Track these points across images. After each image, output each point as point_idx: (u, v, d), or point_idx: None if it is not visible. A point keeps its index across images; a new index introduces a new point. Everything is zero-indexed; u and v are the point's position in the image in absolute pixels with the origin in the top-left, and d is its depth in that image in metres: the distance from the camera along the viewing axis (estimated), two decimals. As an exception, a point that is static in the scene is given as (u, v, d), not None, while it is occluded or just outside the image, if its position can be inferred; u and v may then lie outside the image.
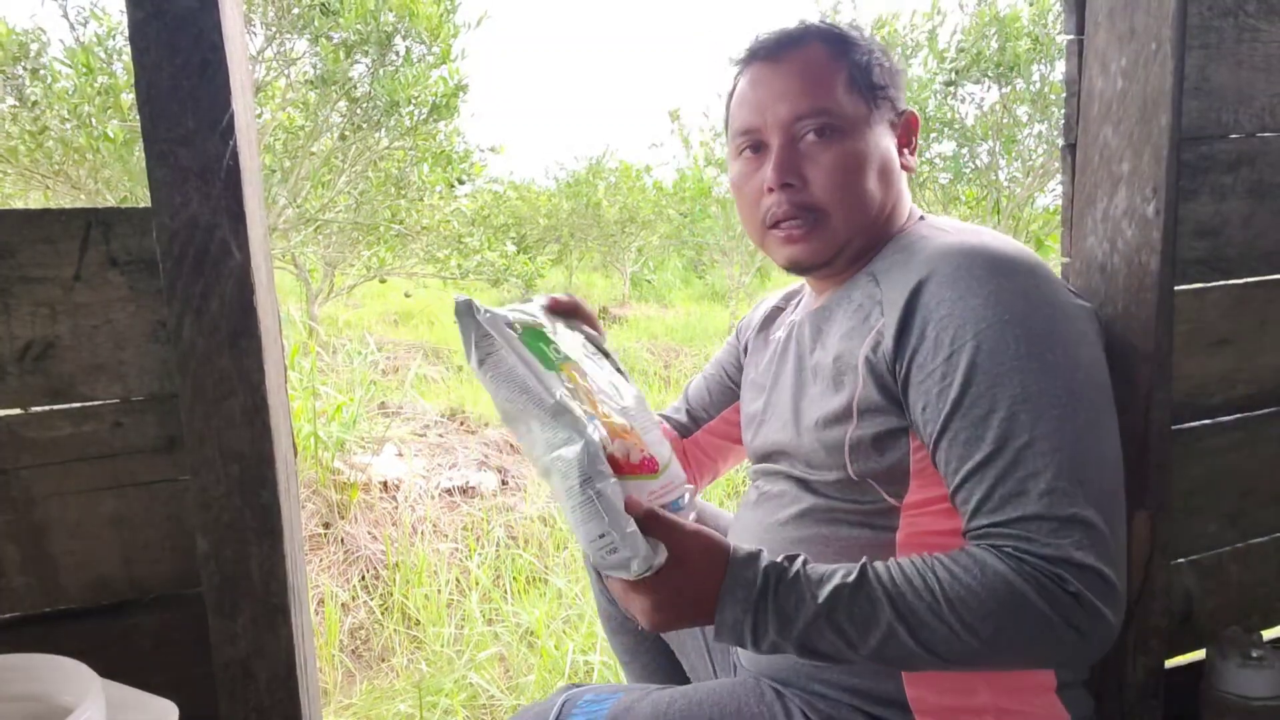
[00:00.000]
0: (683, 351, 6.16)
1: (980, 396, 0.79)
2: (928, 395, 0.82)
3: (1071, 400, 0.78)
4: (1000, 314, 0.80)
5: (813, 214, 0.95)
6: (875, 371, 0.87)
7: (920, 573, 0.78)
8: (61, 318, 0.90)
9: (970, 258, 0.84)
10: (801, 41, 0.97)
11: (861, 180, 0.95)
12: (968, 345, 0.80)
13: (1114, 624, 0.76)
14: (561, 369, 0.84)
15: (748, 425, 1.12)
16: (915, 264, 0.88)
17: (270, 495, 0.95)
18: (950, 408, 0.80)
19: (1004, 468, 0.78)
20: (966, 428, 0.80)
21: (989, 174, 6.02)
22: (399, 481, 3.07)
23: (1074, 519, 0.75)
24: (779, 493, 1.01)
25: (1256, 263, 1.11)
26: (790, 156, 0.95)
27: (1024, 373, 0.78)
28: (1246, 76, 1.06)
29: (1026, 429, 0.77)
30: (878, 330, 0.88)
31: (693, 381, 1.32)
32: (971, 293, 0.81)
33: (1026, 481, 0.76)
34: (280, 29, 4.49)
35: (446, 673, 2.18)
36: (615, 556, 0.76)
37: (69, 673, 0.81)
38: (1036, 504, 0.76)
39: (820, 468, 0.94)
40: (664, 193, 9.66)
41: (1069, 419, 0.78)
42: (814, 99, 0.94)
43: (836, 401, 0.91)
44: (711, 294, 10.23)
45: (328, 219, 5.30)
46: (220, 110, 0.87)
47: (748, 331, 1.22)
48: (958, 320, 0.81)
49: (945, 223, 0.97)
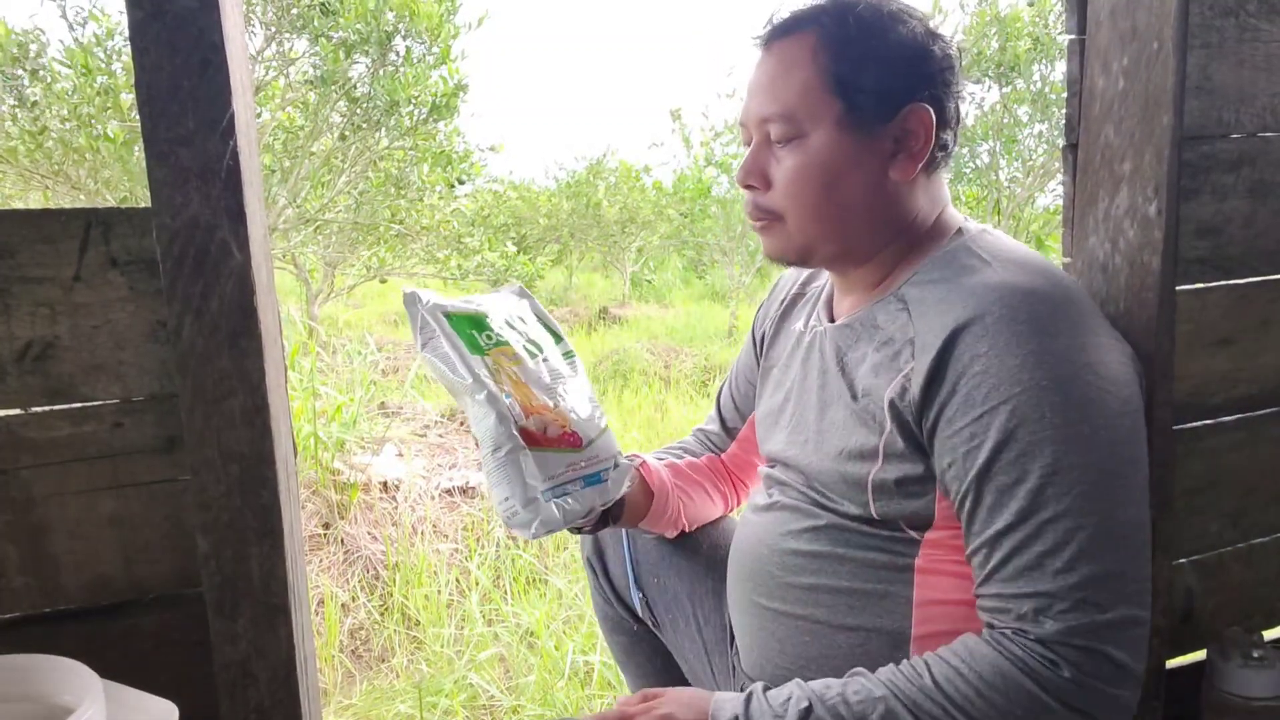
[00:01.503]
0: (683, 351, 6.15)
1: (1010, 464, 0.76)
2: (955, 453, 0.80)
3: (1103, 478, 0.76)
4: (1039, 379, 0.76)
5: (769, 215, 0.94)
6: (901, 419, 0.84)
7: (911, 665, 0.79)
8: (61, 318, 0.90)
9: (1014, 308, 0.78)
10: (796, 28, 0.91)
11: (817, 190, 0.90)
12: (1002, 409, 0.76)
13: (1126, 702, 0.74)
14: (489, 354, 0.94)
15: (764, 419, 1.09)
16: (953, 302, 0.82)
17: (270, 495, 0.95)
18: (978, 471, 0.78)
19: (1023, 539, 0.76)
20: (992, 493, 0.77)
21: (989, 174, 6.03)
22: (399, 482, 3.06)
23: (1086, 601, 0.73)
24: (792, 504, 0.98)
25: (1258, 262, 1.11)
26: (757, 156, 0.93)
27: (1057, 443, 0.75)
28: (1248, 76, 1.06)
29: (1052, 504, 0.75)
30: (905, 375, 0.84)
31: (721, 390, 1.29)
32: (1010, 351, 0.77)
33: (1044, 557, 0.74)
34: (280, 29, 4.49)
35: (446, 673, 2.18)
36: (517, 518, 0.90)
37: (69, 673, 0.81)
38: (1050, 581, 0.74)
39: (840, 497, 0.91)
40: (664, 193, 9.65)
41: (1099, 497, 0.75)
42: (777, 101, 0.90)
43: (861, 438, 0.88)
44: (711, 294, 10.22)
45: (328, 219, 5.30)
46: (220, 110, 0.87)
47: (765, 323, 1.17)
48: (993, 379, 0.77)
49: (992, 245, 0.89)
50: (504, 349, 0.96)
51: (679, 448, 1.28)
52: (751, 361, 1.20)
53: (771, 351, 1.12)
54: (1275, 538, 1.20)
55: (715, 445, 1.27)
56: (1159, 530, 1.06)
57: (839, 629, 0.91)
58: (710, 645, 1.17)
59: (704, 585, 1.19)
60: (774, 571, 0.97)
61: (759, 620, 0.99)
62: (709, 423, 1.29)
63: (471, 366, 0.92)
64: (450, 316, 0.93)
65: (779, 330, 1.13)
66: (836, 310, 1.02)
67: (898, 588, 0.88)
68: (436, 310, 0.94)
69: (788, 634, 0.96)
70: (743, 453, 1.24)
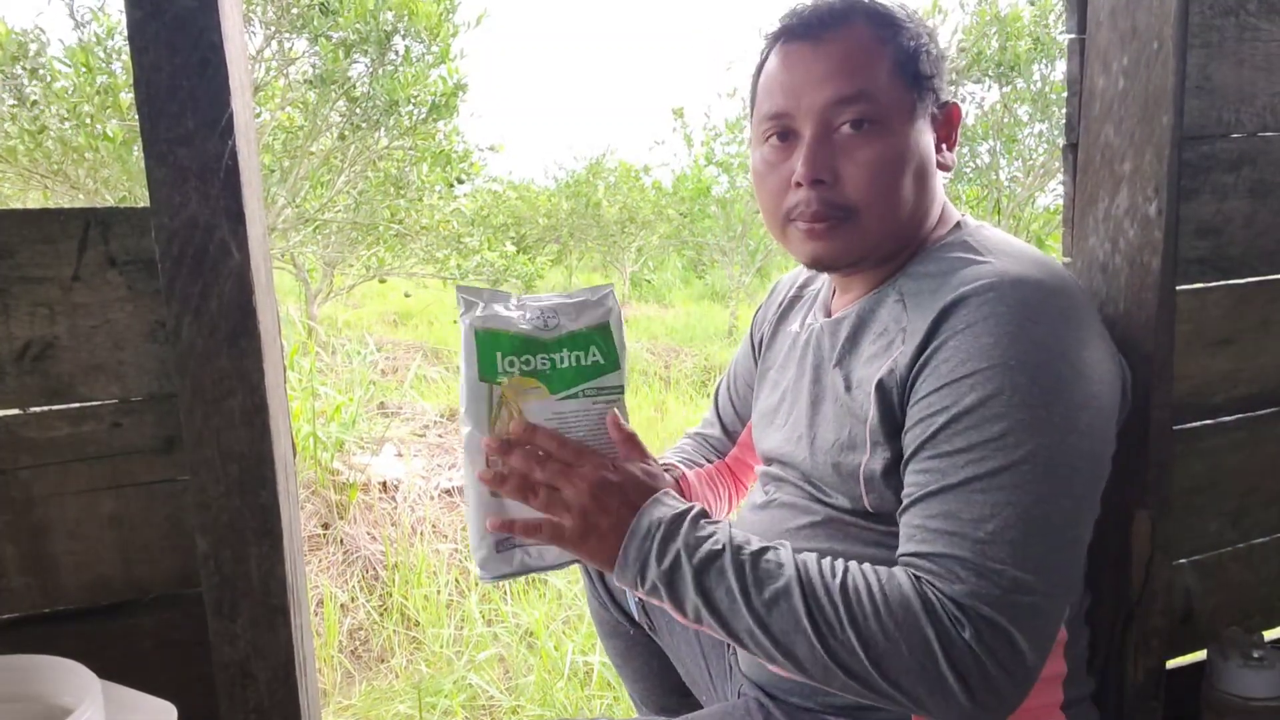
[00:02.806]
0: (683, 351, 6.15)
1: (957, 434, 0.76)
2: (912, 419, 0.80)
3: (1050, 464, 0.74)
4: (1008, 358, 0.76)
5: (842, 212, 0.88)
6: (885, 401, 0.84)
7: (834, 562, 0.78)
8: (60, 318, 0.90)
9: (1001, 292, 0.78)
10: (845, 19, 0.88)
11: (899, 180, 0.88)
12: (965, 382, 0.76)
13: (1007, 696, 0.71)
14: (502, 381, 0.88)
15: (760, 419, 1.09)
16: (946, 290, 0.82)
17: (269, 496, 0.95)
18: (928, 435, 0.78)
19: (952, 505, 0.75)
20: (935, 457, 0.77)
21: (989, 173, 6.03)
22: (398, 482, 3.06)
23: (1003, 575, 0.72)
24: (789, 501, 0.98)
25: (1258, 262, 1.11)
26: (823, 149, 0.87)
27: (1010, 421, 0.75)
28: (1248, 75, 1.06)
29: (989, 476, 0.74)
30: (894, 358, 0.84)
31: (719, 393, 1.28)
32: (987, 330, 0.77)
33: (968, 525, 0.74)
34: (279, 28, 4.49)
35: (446, 673, 2.18)
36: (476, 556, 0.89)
37: (68, 674, 0.81)
38: (970, 548, 0.73)
39: (835, 491, 0.91)
40: (663, 193, 9.65)
41: (1039, 481, 0.74)
42: (855, 82, 0.86)
43: (850, 428, 0.88)
44: (711, 294, 10.22)
45: (327, 219, 5.30)
46: (219, 110, 0.87)
47: (763, 326, 1.17)
48: (963, 353, 0.77)
49: (990, 239, 0.89)
50: (526, 381, 0.89)
51: (695, 454, 1.25)
52: (750, 364, 1.19)
53: (769, 354, 1.12)
54: (1275, 538, 1.20)
55: (717, 450, 1.26)
56: (1159, 530, 1.06)
57: None
58: (707, 648, 1.17)
59: None
60: None
61: None
62: (708, 426, 1.28)
63: (468, 394, 0.88)
64: (479, 334, 0.88)
65: (776, 333, 1.12)
66: (834, 308, 1.01)
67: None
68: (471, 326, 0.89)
69: None
70: (742, 455, 1.23)
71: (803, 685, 0.93)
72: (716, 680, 1.16)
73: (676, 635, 1.21)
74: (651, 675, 1.31)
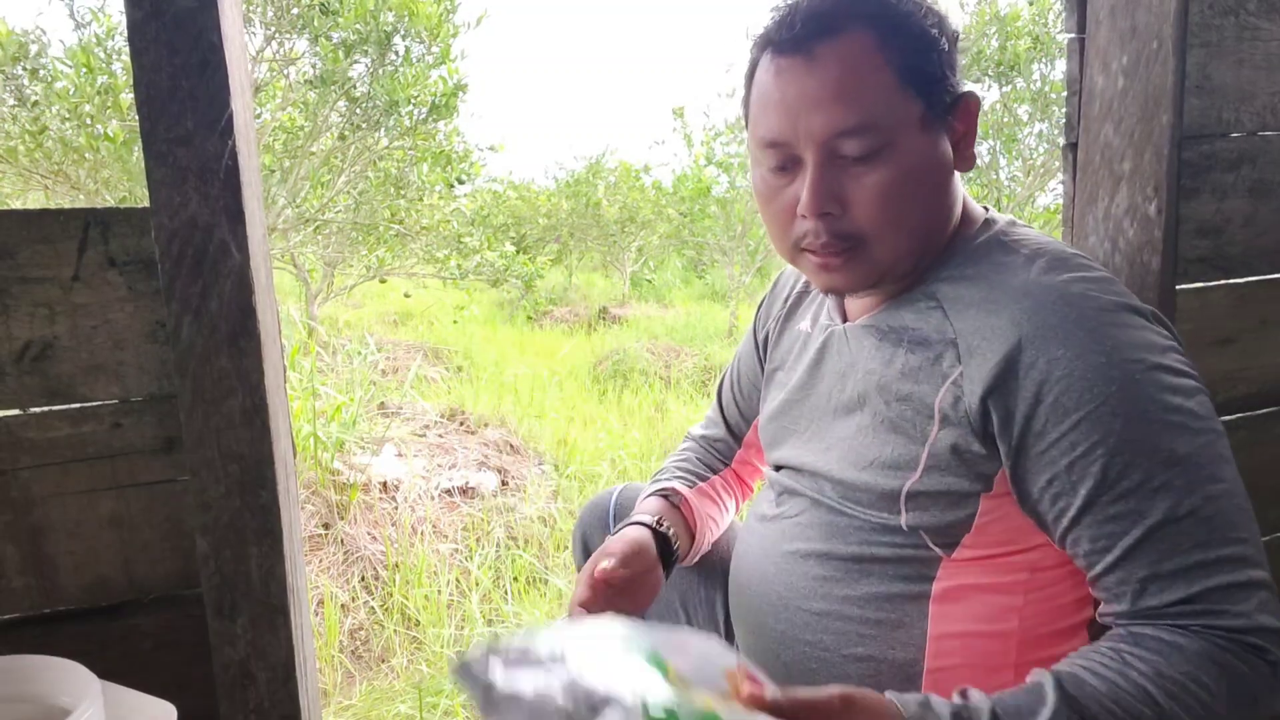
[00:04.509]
0: (683, 351, 6.15)
1: (1131, 466, 0.71)
2: (1055, 466, 0.74)
3: (1215, 456, 0.73)
4: (1131, 369, 0.72)
5: (853, 241, 0.83)
6: (956, 429, 0.79)
7: (1118, 679, 0.68)
8: (60, 318, 0.90)
9: (1079, 308, 0.74)
10: (840, 26, 0.79)
11: (911, 204, 0.82)
12: (1104, 410, 0.72)
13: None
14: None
15: (769, 423, 1.03)
16: (1003, 304, 0.77)
17: (270, 496, 0.95)
18: (1094, 482, 0.72)
19: (1170, 542, 0.71)
20: (1116, 501, 0.72)
21: (989, 173, 6.03)
22: (399, 482, 3.06)
23: (1251, 583, 0.70)
24: (803, 519, 0.93)
25: (1258, 261, 1.11)
26: (828, 179, 0.81)
27: (1170, 431, 0.71)
28: (1248, 75, 1.06)
29: (1185, 496, 0.71)
30: (955, 381, 0.79)
31: (721, 392, 1.22)
32: (1091, 350, 0.72)
33: (1194, 552, 0.70)
34: (280, 29, 4.49)
35: (446, 674, 2.18)
36: None
37: (67, 674, 0.81)
38: (1214, 576, 0.70)
39: (866, 507, 0.86)
40: (664, 193, 9.65)
41: (1219, 476, 0.72)
42: (856, 110, 0.79)
43: (897, 448, 0.83)
44: (711, 294, 10.22)
45: (327, 219, 5.30)
46: (219, 110, 0.87)
47: (768, 323, 1.11)
48: (1083, 382, 0.72)
49: (1025, 239, 0.85)
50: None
51: (698, 465, 1.19)
52: (754, 363, 1.14)
53: (775, 353, 1.07)
54: (1275, 537, 1.20)
55: (722, 455, 1.21)
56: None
57: (849, 658, 0.87)
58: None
59: (697, 594, 1.17)
60: (782, 593, 0.93)
61: (764, 640, 0.95)
62: (712, 427, 1.23)
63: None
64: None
65: (783, 330, 1.07)
66: (850, 308, 0.95)
67: (912, 618, 0.84)
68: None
69: (794, 658, 0.91)
70: (748, 457, 1.19)
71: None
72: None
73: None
74: None
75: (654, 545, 1.02)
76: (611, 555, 0.96)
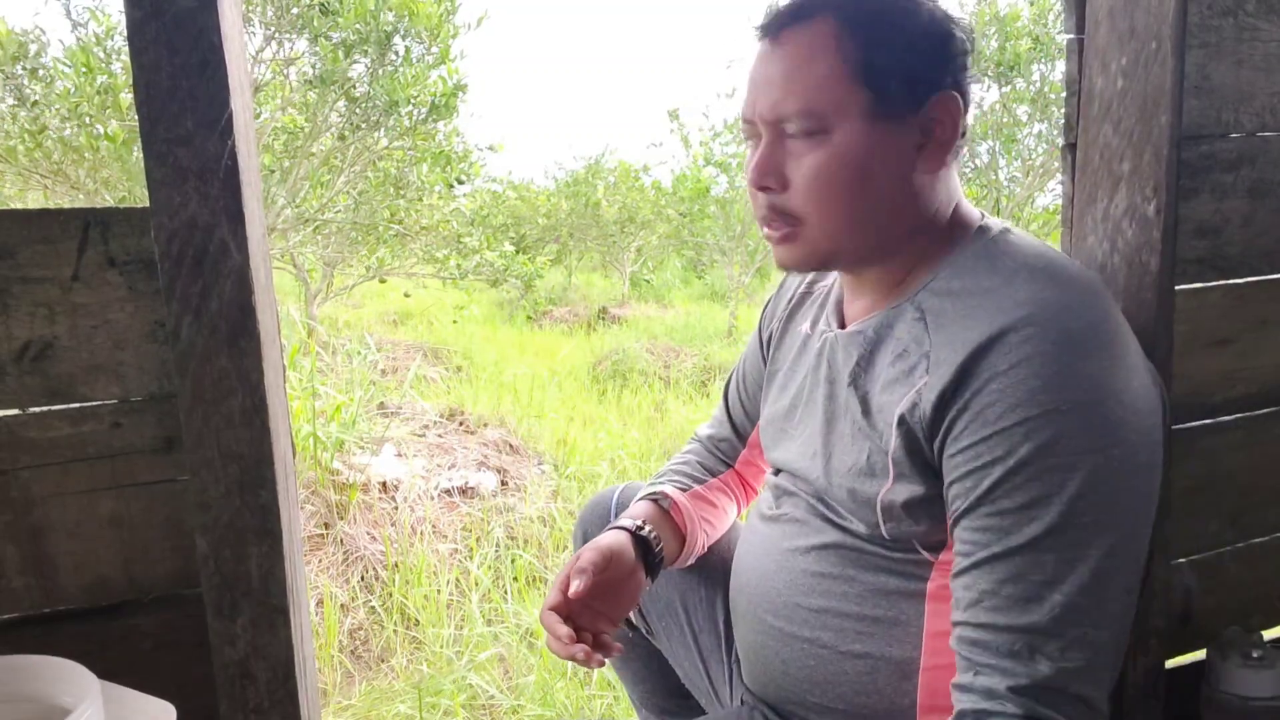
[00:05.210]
0: (682, 351, 6.15)
1: (1016, 488, 0.73)
2: (958, 470, 0.76)
3: (1114, 513, 0.72)
4: (1060, 402, 0.72)
5: (790, 219, 0.86)
6: (910, 435, 0.80)
7: None
8: (60, 318, 0.90)
9: (1043, 325, 0.74)
10: (811, 13, 0.83)
11: (847, 192, 0.83)
12: (1016, 430, 0.72)
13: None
14: None
15: (769, 424, 1.05)
16: (977, 318, 0.78)
17: (269, 496, 0.95)
18: (984, 491, 0.74)
19: (1021, 566, 0.72)
20: (995, 514, 0.74)
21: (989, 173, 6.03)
22: (398, 482, 3.06)
23: (1082, 640, 0.71)
24: (801, 518, 0.95)
25: (1257, 262, 1.11)
26: (772, 155, 0.85)
27: (1072, 472, 0.71)
28: (1247, 75, 1.06)
29: (1057, 534, 0.71)
30: (918, 390, 0.80)
31: (728, 391, 1.22)
32: (1033, 372, 0.73)
33: (1042, 588, 0.71)
34: (279, 29, 4.49)
35: (446, 673, 2.18)
36: None
37: (67, 674, 0.81)
38: (1046, 615, 0.71)
39: (850, 515, 0.88)
40: (663, 193, 9.66)
41: (1106, 531, 0.72)
42: (798, 95, 0.82)
43: (871, 456, 0.85)
44: (711, 294, 10.23)
45: (327, 219, 5.30)
46: (219, 110, 0.87)
47: (772, 323, 1.11)
48: (1011, 398, 0.73)
49: (1017, 249, 0.84)
50: None
51: (696, 469, 1.20)
52: (759, 363, 1.14)
53: (778, 353, 1.07)
54: (1274, 537, 1.20)
55: (726, 455, 1.21)
56: (1158, 530, 1.06)
57: (846, 655, 0.88)
58: (706, 652, 1.16)
59: (697, 594, 1.17)
60: (781, 589, 0.94)
61: (763, 638, 0.96)
62: (717, 426, 1.23)
63: None
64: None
65: (786, 331, 1.07)
66: (848, 313, 0.96)
67: (909, 616, 0.85)
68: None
69: (793, 655, 0.92)
70: (752, 457, 1.20)
71: (804, 695, 0.92)
72: (716, 684, 1.15)
73: (674, 639, 1.21)
74: (650, 677, 1.30)
75: (633, 550, 1.03)
76: (582, 572, 0.97)
